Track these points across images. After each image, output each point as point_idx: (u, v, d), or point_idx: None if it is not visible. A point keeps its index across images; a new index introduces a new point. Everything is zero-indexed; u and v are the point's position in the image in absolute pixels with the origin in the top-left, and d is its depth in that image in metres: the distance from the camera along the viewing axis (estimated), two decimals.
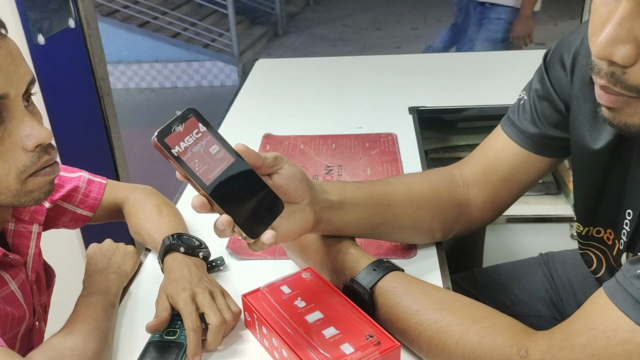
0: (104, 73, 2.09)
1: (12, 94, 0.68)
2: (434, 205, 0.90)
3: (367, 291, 0.75)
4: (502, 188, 0.92)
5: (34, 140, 0.70)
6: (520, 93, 0.91)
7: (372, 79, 1.86)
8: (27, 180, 0.72)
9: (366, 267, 0.78)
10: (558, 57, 0.84)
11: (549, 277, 1.17)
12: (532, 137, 0.88)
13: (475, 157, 0.95)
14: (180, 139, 0.62)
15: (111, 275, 0.90)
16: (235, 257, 0.99)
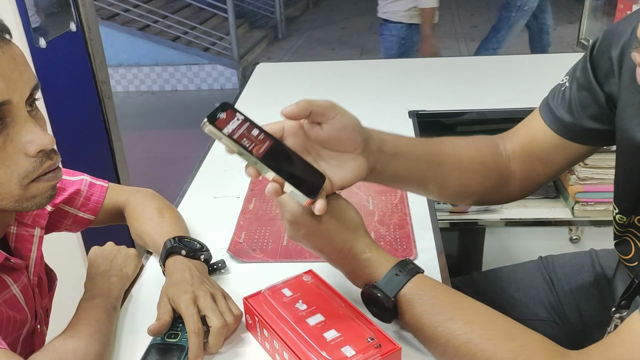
0: (104, 77, 2.09)
1: (15, 100, 0.68)
2: (481, 171, 0.91)
3: (391, 299, 0.73)
4: (540, 166, 0.93)
5: (36, 146, 0.70)
6: (563, 78, 0.91)
7: (371, 83, 1.87)
8: (30, 185, 0.72)
9: (388, 271, 0.75)
10: (605, 49, 0.83)
11: (549, 280, 1.17)
12: (567, 125, 0.88)
13: (516, 134, 0.96)
14: (226, 123, 0.71)
15: (113, 278, 0.91)
16: (236, 260, 1.00)
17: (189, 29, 5.84)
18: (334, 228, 0.76)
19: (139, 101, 5.39)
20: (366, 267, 0.76)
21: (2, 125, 0.68)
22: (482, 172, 0.91)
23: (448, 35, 6.65)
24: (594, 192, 1.63)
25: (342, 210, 0.77)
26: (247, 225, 1.10)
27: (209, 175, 1.32)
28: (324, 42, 6.68)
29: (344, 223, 0.77)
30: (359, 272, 0.77)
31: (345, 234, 0.76)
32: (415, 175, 0.84)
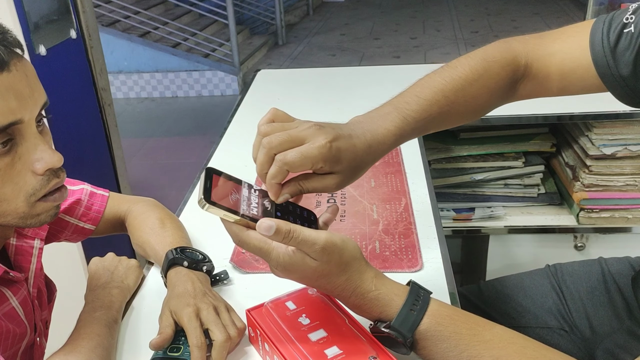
0: (105, 84, 2.08)
1: (26, 118, 0.68)
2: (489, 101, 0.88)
3: (409, 339, 0.67)
4: (555, 91, 0.89)
5: (45, 165, 0.70)
6: (628, 16, 0.80)
7: (373, 89, 1.86)
8: (36, 204, 0.72)
9: (401, 309, 0.68)
10: None
11: (557, 288, 1.16)
12: (618, 80, 0.81)
13: (550, 58, 0.87)
14: (220, 193, 0.67)
15: (114, 290, 0.89)
16: (239, 270, 0.98)
17: (189, 35, 5.84)
18: (334, 271, 0.68)
19: (139, 108, 5.39)
20: (375, 305, 0.70)
21: (12, 144, 0.68)
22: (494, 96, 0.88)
23: (448, 40, 6.66)
24: (599, 199, 1.62)
25: (339, 250, 0.68)
26: None
27: None
28: (324, 48, 6.68)
29: (343, 264, 0.68)
30: (367, 310, 0.71)
31: (347, 274, 0.69)
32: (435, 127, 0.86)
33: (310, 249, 0.66)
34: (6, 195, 0.69)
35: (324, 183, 0.74)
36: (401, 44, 6.63)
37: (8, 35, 0.68)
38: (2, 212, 0.71)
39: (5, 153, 0.68)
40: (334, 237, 0.67)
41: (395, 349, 0.71)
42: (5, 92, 0.65)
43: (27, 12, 1.61)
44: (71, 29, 1.84)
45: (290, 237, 0.65)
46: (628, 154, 1.57)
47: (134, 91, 5.62)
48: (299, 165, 0.69)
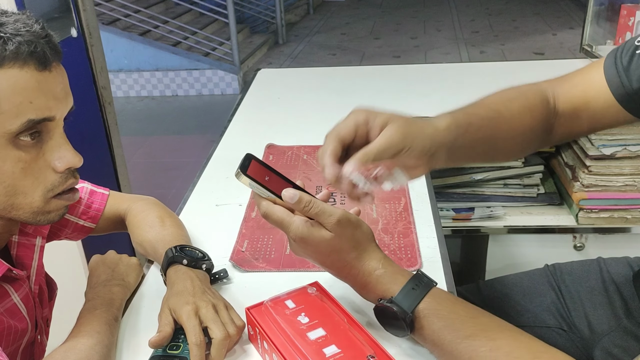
0: (105, 82, 2.08)
1: (57, 117, 0.72)
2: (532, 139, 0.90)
3: (409, 314, 0.71)
4: (586, 124, 0.91)
5: (66, 163, 0.74)
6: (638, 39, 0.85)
7: (373, 89, 1.86)
8: (51, 200, 0.75)
9: (404, 286, 0.73)
10: None
11: (556, 288, 1.16)
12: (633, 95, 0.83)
13: (572, 92, 0.90)
14: (257, 172, 0.75)
15: (115, 287, 0.90)
16: (238, 269, 0.99)
17: (189, 34, 5.84)
18: (345, 246, 0.75)
19: (139, 106, 5.39)
20: (380, 282, 0.75)
21: (39, 138, 0.72)
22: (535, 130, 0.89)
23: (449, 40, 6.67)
24: (598, 200, 1.62)
25: (352, 226, 0.76)
26: (249, 234, 1.09)
27: (210, 182, 1.31)
28: (324, 48, 6.68)
29: (355, 240, 0.75)
30: (372, 288, 0.76)
31: (357, 251, 0.76)
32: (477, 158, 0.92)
33: (326, 220, 0.74)
34: (25, 188, 0.72)
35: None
36: (402, 44, 6.64)
37: (52, 38, 0.72)
38: (17, 204, 0.73)
39: (32, 146, 0.71)
40: (349, 214, 0.76)
41: (395, 329, 0.75)
42: (46, 90, 0.69)
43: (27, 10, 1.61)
44: (72, 28, 1.84)
45: (311, 206, 0.73)
46: (627, 155, 1.57)
47: (134, 90, 5.62)
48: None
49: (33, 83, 0.68)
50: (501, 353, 0.67)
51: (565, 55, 5.56)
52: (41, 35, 0.69)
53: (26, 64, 0.67)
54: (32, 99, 0.68)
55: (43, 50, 0.68)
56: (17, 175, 0.71)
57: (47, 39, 0.70)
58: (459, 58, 5.95)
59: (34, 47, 0.67)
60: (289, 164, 1.36)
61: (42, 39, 0.69)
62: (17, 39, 0.66)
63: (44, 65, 0.69)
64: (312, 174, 1.31)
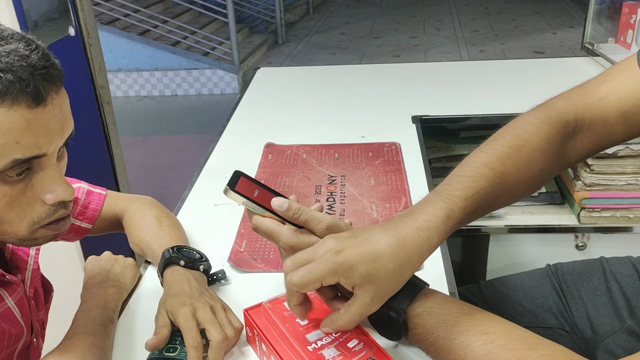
0: (104, 81, 2.07)
1: (49, 152, 0.67)
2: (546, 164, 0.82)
3: (402, 314, 0.71)
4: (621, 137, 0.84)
5: (56, 198, 0.69)
6: None
7: (374, 88, 1.85)
8: (37, 230, 0.71)
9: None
10: None
11: (558, 288, 1.15)
12: None
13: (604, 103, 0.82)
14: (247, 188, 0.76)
15: (110, 289, 0.88)
16: (236, 269, 0.97)
17: (189, 33, 5.83)
18: None
19: (138, 106, 5.38)
20: None
21: (27, 172, 0.67)
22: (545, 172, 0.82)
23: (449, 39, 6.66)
24: (600, 199, 1.60)
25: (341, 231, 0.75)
26: (248, 234, 1.07)
27: (209, 182, 1.29)
28: (324, 47, 6.68)
29: None
30: None
31: None
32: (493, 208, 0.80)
33: (316, 226, 0.74)
34: (11, 219, 0.69)
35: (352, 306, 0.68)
36: (401, 43, 6.63)
37: (53, 69, 0.65)
38: (2, 231, 0.70)
39: (20, 181, 0.67)
40: (339, 220, 0.76)
41: (389, 332, 0.74)
42: (37, 128, 0.64)
43: (25, 10, 1.60)
44: (70, 27, 1.83)
45: (300, 213, 0.73)
46: (630, 153, 1.56)
47: (134, 89, 5.61)
48: (306, 285, 0.68)
49: (21, 123, 0.62)
50: (495, 346, 0.65)
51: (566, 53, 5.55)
52: (38, 67, 0.63)
53: (16, 102, 0.61)
54: (18, 139, 0.62)
55: (37, 86, 0.62)
56: (2, 208, 0.67)
57: (46, 70, 0.64)
58: (459, 57, 5.94)
59: (26, 85, 0.61)
60: (288, 163, 1.35)
61: (39, 72, 0.63)
62: (8, 76, 0.60)
63: (37, 102, 0.63)
64: (311, 173, 1.29)
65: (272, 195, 0.76)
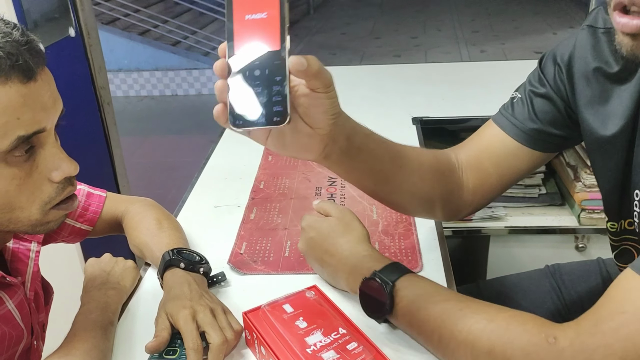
0: (104, 82, 2.07)
1: (48, 127, 0.67)
2: (437, 177, 0.91)
3: (390, 284, 0.75)
4: (494, 174, 0.94)
5: (62, 174, 0.70)
6: (513, 93, 0.95)
7: (374, 89, 1.85)
8: (49, 211, 0.71)
9: (388, 264, 0.78)
10: (552, 61, 0.89)
11: (557, 288, 1.16)
12: (528, 132, 0.90)
13: (469, 144, 0.97)
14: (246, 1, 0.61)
15: (110, 291, 0.88)
16: (236, 272, 0.97)
17: (189, 33, 5.83)
18: (341, 230, 0.87)
19: (139, 106, 5.38)
20: (367, 261, 0.81)
21: (31, 152, 0.68)
22: (437, 178, 0.91)
23: (449, 39, 6.65)
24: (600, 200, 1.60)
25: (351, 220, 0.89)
26: (248, 236, 1.07)
27: (209, 183, 1.29)
28: (324, 47, 6.67)
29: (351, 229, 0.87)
30: (359, 269, 0.81)
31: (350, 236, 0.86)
32: (375, 173, 0.82)
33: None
34: (21, 204, 0.69)
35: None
36: (402, 43, 6.62)
37: (34, 44, 0.67)
38: (14, 219, 0.70)
39: (25, 161, 0.67)
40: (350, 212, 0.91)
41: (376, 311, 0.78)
42: (33, 103, 0.65)
43: (25, 10, 1.60)
44: (70, 27, 1.82)
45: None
46: None
47: (134, 89, 5.61)
48: None
49: (18, 99, 0.63)
50: (470, 310, 0.69)
51: None
52: (22, 42, 0.64)
53: (9, 78, 0.62)
54: (19, 115, 0.63)
55: (26, 60, 0.63)
56: (12, 193, 0.67)
57: (29, 45, 0.65)
58: (459, 57, 5.94)
59: (15, 59, 0.62)
60: (288, 164, 1.35)
61: (23, 47, 0.64)
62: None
63: (29, 77, 0.64)
64: (311, 174, 1.29)
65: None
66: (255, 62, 0.60)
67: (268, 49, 0.60)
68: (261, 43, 0.60)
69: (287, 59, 0.60)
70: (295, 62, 0.59)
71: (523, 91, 0.93)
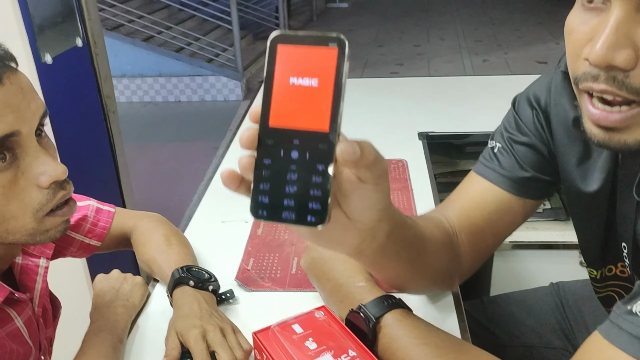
0: (110, 91, 2.08)
1: (24, 130, 0.66)
2: (446, 252, 0.83)
3: (372, 320, 0.74)
4: (489, 233, 0.88)
5: (49, 178, 0.68)
6: (490, 142, 0.90)
7: (378, 102, 1.85)
8: (44, 219, 0.70)
9: (376, 298, 0.77)
10: (528, 104, 0.86)
11: (561, 307, 1.15)
12: (520, 181, 0.86)
13: (457, 203, 0.90)
14: (295, 58, 0.47)
15: (119, 309, 0.89)
16: (244, 288, 0.98)
17: (193, 40, 5.84)
18: (342, 256, 0.84)
19: (142, 112, 5.38)
20: (360, 293, 0.80)
21: (12, 158, 0.66)
22: (445, 252, 0.83)
23: (452, 49, 6.66)
24: None
25: None
26: (255, 252, 1.08)
27: (216, 198, 1.30)
28: None
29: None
30: (351, 299, 0.80)
31: (350, 263, 0.84)
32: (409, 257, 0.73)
33: None
34: (13, 213, 0.68)
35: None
36: (405, 52, 6.63)
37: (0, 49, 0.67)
38: (11, 229, 0.69)
39: (7, 168, 0.66)
40: None
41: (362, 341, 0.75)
42: (2, 106, 0.63)
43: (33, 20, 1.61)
44: (77, 37, 1.83)
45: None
46: None
47: (137, 95, 5.61)
48: None
49: None
50: (446, 358, 0.69)
51: None
52: None
53: None
54: None
55: None
56: (1, 202, 0.66)
57: None
58: (462, 66, 5.94)
59: None
60: None
61: None
62: None
63: None
64: None
65: None
66: (294, 142, 0.46)
67: (313, 127, 0.47)
68: (305, 118, 0.47)
69: (335, 145, 0.46)
70: (346, 149, 0.45)
71: (501, 139, 0.88)
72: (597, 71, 0.59)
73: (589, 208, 0.81)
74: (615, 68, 0.57)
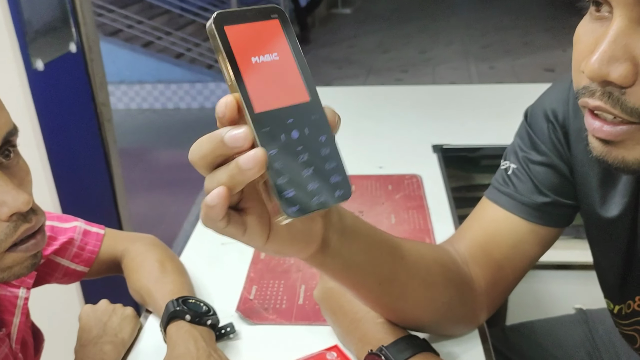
0: (105, 98, 1.99)
1: None
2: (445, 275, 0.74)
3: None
4: (507, 265, 0.79)
5: (7, 210, 0.59)
6: (503, 162, 0.81)
7: (385, 112, 1.78)
8: (5, 255, 0.61)
9: (399, 339, 0.71)
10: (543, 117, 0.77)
11: (590, 338, 1.08)
12: (539, 207, 0.77)
13: (469, 232, 0.82)
14: (246, 37, 0.43)
15: (107, 346, 0.80)
16: (246, 321, 0.88)
17: (192, 46, 5.78)
18: None
19: (140, 119, 5.32)
20: (379, 330, 0.73)
21: None
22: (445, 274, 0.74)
23: (458, 55, 6.58)
24: None
25: None
26: (258, 278, 0.98)
27: None
28: (330, 61, 6.61)
29: None
30: (369, 338, 0.73)
31: None
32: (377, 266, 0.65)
33: None
34: None
35: None
36: (410, 58, 6.55)
37: None
38: None
39: None
40: None
41: None
42: None
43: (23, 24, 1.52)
44: (71, 43, 1.75)
45: None
46: None
47: (136, 102, 5.54)
48: None
49: None
50: None
51: None
52: None
53: None
54: None
55: None
56: None
57: None
58: (467, 73, 5.87)
59: None
60: None
61: None
62: None
63: None
64: None
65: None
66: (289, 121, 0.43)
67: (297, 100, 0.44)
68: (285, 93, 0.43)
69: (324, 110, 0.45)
70: (333, 111, 0.45)
71: (516, 159, 0.79)
72: (595, 86, 0.53)
73: (608, 235, 0.73)
74: (612, 84, 0.51)
